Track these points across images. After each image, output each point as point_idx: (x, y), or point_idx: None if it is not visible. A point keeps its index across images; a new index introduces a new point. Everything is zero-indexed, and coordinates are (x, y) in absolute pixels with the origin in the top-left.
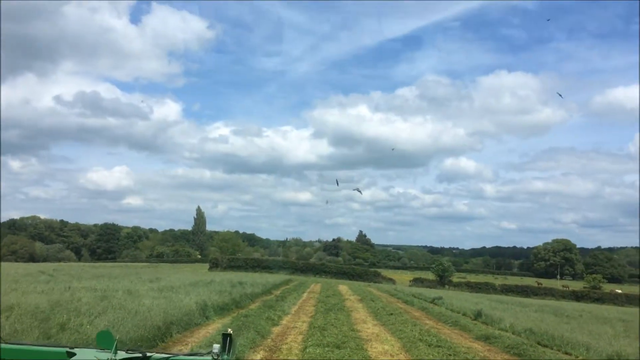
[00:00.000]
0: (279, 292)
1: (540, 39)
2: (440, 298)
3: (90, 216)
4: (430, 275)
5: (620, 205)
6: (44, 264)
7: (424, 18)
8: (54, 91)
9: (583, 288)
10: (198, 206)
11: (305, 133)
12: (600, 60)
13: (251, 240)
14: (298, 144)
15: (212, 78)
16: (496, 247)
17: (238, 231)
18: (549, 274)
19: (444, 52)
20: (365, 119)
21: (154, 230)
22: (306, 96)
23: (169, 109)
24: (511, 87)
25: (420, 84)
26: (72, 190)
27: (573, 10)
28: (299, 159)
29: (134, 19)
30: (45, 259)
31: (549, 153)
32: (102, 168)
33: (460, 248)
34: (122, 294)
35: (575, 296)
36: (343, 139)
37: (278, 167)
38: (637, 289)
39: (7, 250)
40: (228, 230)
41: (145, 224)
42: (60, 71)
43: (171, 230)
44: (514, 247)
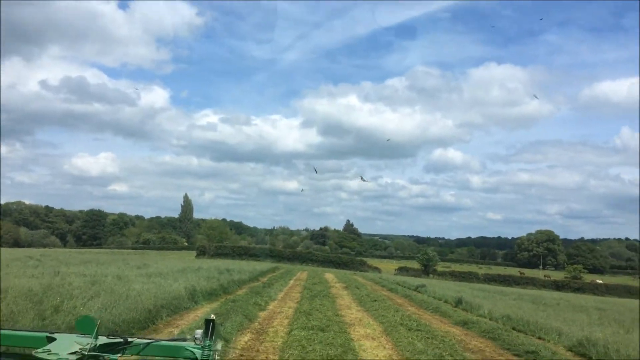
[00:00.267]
0: (266, 279)
1: (530, 32)
2: (423, 286)
3: (75, 202)
4: (415, 265)
5: (605, 197)
6: (29, 249)
7: (415, 9)
8: (39, 76)
9: (564, 278)
10: (185, 194)
11: (295, 122)
12: (589, 54)
13: (238, 228)
14: (287, 132)
15: (201, 65)
16: (481, 238)
17: (225, 219)
18: (532, 264)
19: (435, 43)
20: (355, 108)
21: (140, 217)
22: (296, 85)
23: (157, 96)
24: (500, 80)
25: (410, 74)
26: (57, 176)
27: (563, 3)
28: (287, 147)
29: (122, 5)
30: (30, 244)
31: (535, 145)
32: (87, 154)
33: (446, 238)
34: (112, 279)
35: (556, 286)
36: (332, 128)
37: (267, 156)
38: (618, 280)
39: None
40: (215, 218)
41: (131, 210)
42: (47, 56)
43: (158, 217)
44: (499, 238)
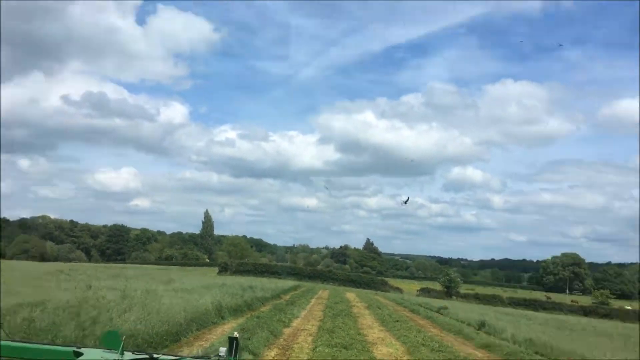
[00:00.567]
0: (288, 297)
1: (546, 48)
2: (445, 308)
3: (98, 217)
4: (437, 286)
5: (630, 220)
6: (55, 263)
7: (431, 25)
8: (61, 91)
9: (592, 304)
10: (206, 210)
11: (312, 138)
12: (607, 71)
13: (258, 245)
14: (304, 149)
15: (219, 81)
16: (505, 260)
17: (245, 236)
18: (558, 288)
19: (450, 60)
20: (371, 125)
21: (162, 233)
22: (312, 101)
23: (176, 112)
24: (517, 96)
25: (426, 91)
26: (80, 190)
27: (580, 19)
28: (305, 164)
29: (140, 20)
30: (56, 258)
31: (555, 165)
32: (110, 169)
33: (468, 259)
34: (141, 293)
35: (584, 311)
36: (349, 145)
37: (284, 172)
38: None
39: (19, 249)
40: (236, 235)
41: (153, 226)
42: (68, 70)
43: (179, 233)
44: (523, 260)
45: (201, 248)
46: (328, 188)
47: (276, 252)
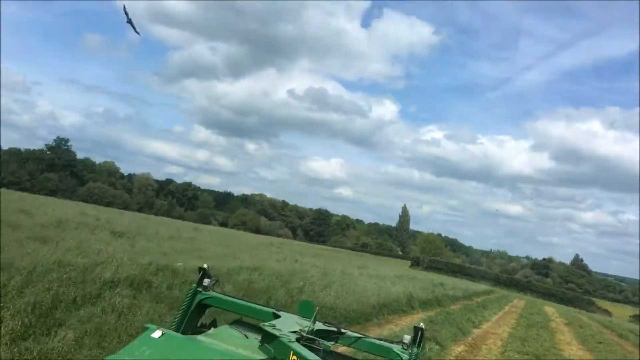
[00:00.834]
0: (480, 300)
1: None
2: None
3: (306, 200)
4: None
5: None
6: (267, 237)
7: None
8: (288, 85)
9: None
10: (404, 205)
11: (525, 144)
12: None
13: (453, 245)
14: (515, 154)
15: (431, 82)
16: None
17: (440, 234)
18: None
19: None
20: (597, 134)
21: (360, 221)
22: (530, 106)
23: (387, 109)
24: None
25: None
26: (294, 175)
27: None
28: (513, 170)
29: (365, 23)
30: (267, 232)
31: None
32: (321, 158)
33: None
34: (339, 273)
35: None
36: (567, 154)
37: (490, 176)
38: None
39: (239, 221)
40: (431, 232)
41: (353, 214)
42: (296, 68)
43: (376, 223)
44: None
45: (395, 240)
46: (533, 198)
47: (471, 255)
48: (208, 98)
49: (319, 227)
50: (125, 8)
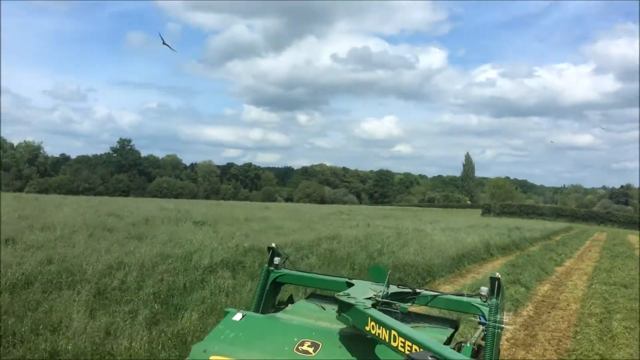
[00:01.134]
0: (559, 238)
1: None
2: None
3: (365, 163)
4: None
5: None
6: (333, 205)
7: None
8: (330, 50)
9: None
10: (467, 152)
11: (585, 69)
12: None
13: (523, 186)
14: (576, 82)
15: (477, 20)
16: None
17: (509, 177)
18: None
19: None
20: None
21: (423, 177)
22: (585, 28)
23: (434, 57)
24: None
25: None
26: (349, 139)
27: None
28: (576, 98)
29: None
30: (332, 201)
31: None
32: (374, 118)
33: None
34: (412, 231)
35: None
36: (633, 72)
37: (552, 109)
38: None
39: (303, 194)
40: (498, 176)
41: (415, 170)
42: (335, 31)
43: (440, 176)
44: None
45: (462, 190)
46: (603, 125)
47: (543, 194)
48: (253, 76)
49: (383, 189)
50: (160, 34)
